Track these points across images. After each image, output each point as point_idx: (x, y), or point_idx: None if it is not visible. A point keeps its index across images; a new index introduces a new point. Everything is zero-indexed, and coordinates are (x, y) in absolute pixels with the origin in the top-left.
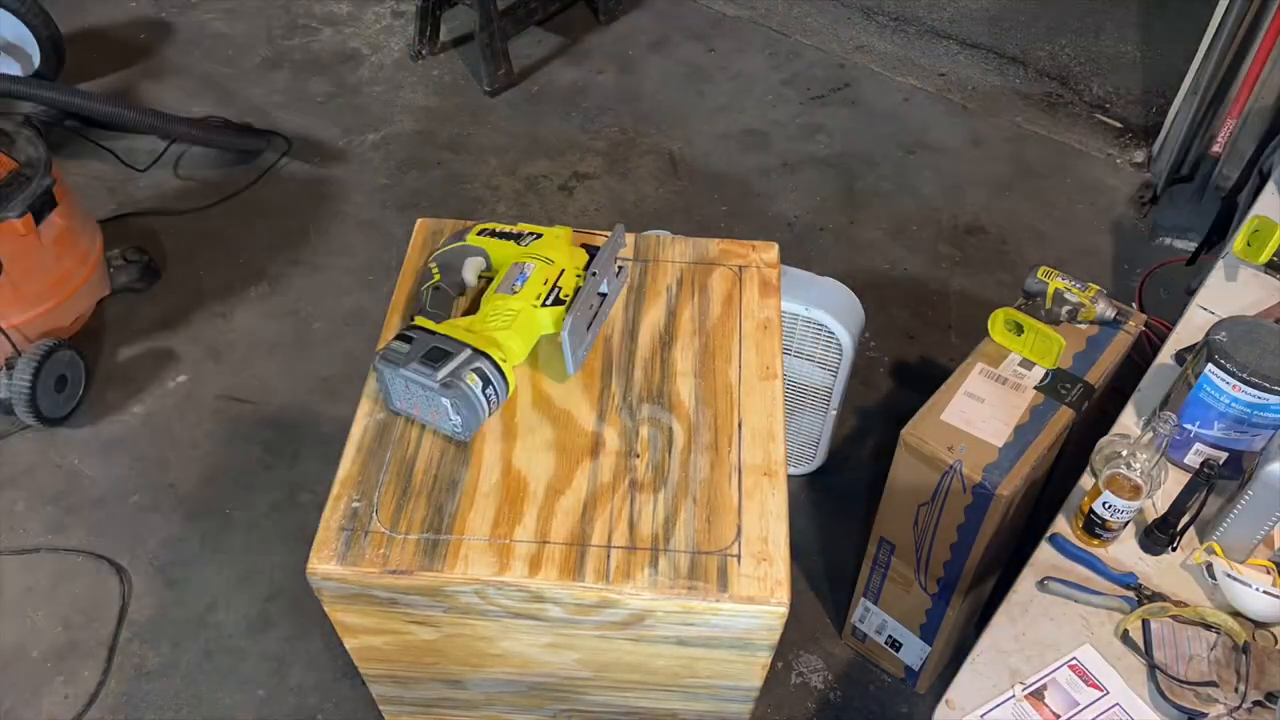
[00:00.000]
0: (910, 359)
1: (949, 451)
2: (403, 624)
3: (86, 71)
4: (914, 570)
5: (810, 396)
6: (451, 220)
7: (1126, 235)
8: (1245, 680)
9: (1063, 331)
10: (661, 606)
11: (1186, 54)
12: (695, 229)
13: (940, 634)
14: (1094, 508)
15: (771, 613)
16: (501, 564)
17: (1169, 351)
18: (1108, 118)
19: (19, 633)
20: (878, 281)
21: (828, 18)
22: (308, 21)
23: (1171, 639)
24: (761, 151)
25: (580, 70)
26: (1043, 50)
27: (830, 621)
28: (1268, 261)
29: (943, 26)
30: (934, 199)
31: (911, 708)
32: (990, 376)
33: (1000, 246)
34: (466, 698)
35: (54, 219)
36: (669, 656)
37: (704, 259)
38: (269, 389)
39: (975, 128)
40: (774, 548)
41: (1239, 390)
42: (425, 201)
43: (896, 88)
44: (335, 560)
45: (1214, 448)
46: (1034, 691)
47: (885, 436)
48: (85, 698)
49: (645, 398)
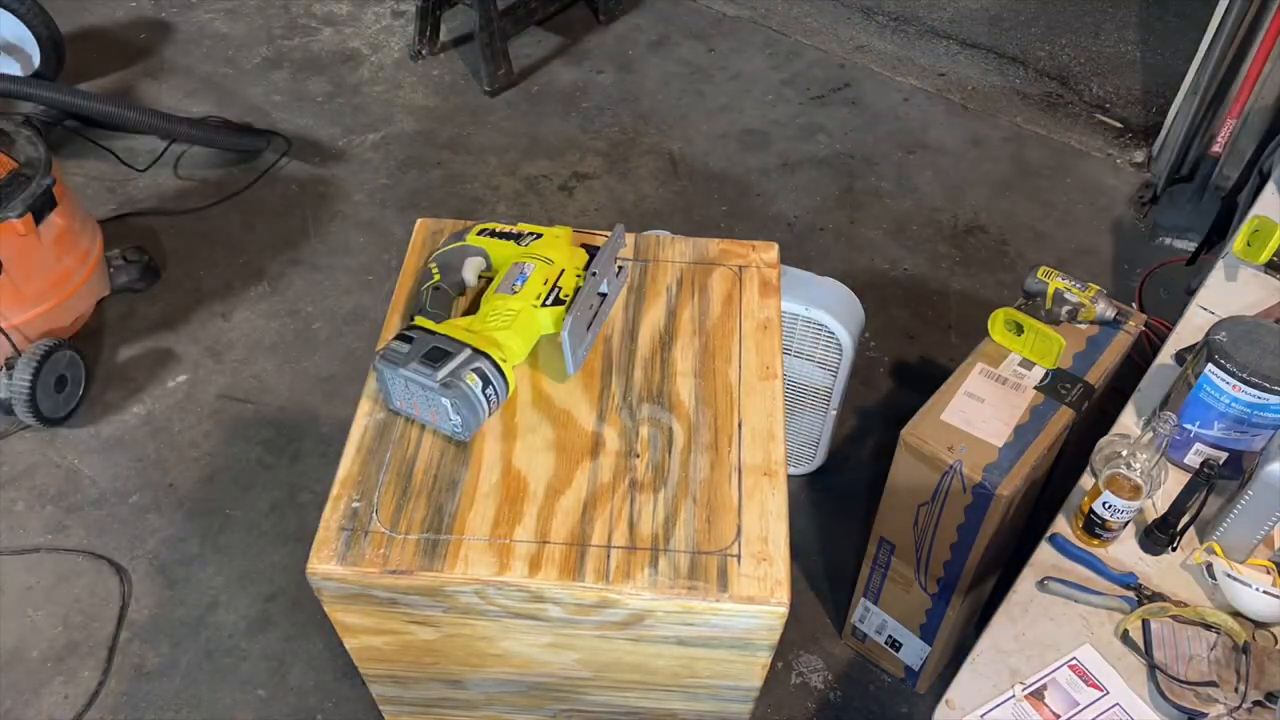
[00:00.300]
0: (910, 359)
1: (949, 451)
2: (403, 624)
3: (86, 71)
4: (914, 570)
5: (810, 396)
6: (451, 220)
7: (1126, 235)
8: (1245, 680)
9: (1063, 331)
10: (661, 606)
11: (1186, 54)
12: (695, 229)
13: (940, 634)
14: (1094, 508)
15: (772, 613)
16: (501, 564)
17: (1169, 351)
18: (1108, 118)
19: (19, 633)
20: (878, 281)
21: (828, 18)
22: (307, 21)
23: (1171, 639)
24: (761, 151)
25: (580, 70)
26: (1043, 50)
27: (830, 621)
28: (1268, 261)
29: (943, 26)
30: (934, 199)
31: (911, 708)
32: (990, 376)
33: (1000, 246)
34: (466, 698)
35: (54, 219)
36: (669, 656)
37: (704, 259)
38: (269, 389)
39: (975, 128)
40: (774, 548)
41: (1239, 390)
42: (425, 201)
43: (896, 88)
44: (335, 560)
45: (1214, 448)
46: (1034, 691)
47: (885, 436)
48: (85, 698)
49: (645, 398)
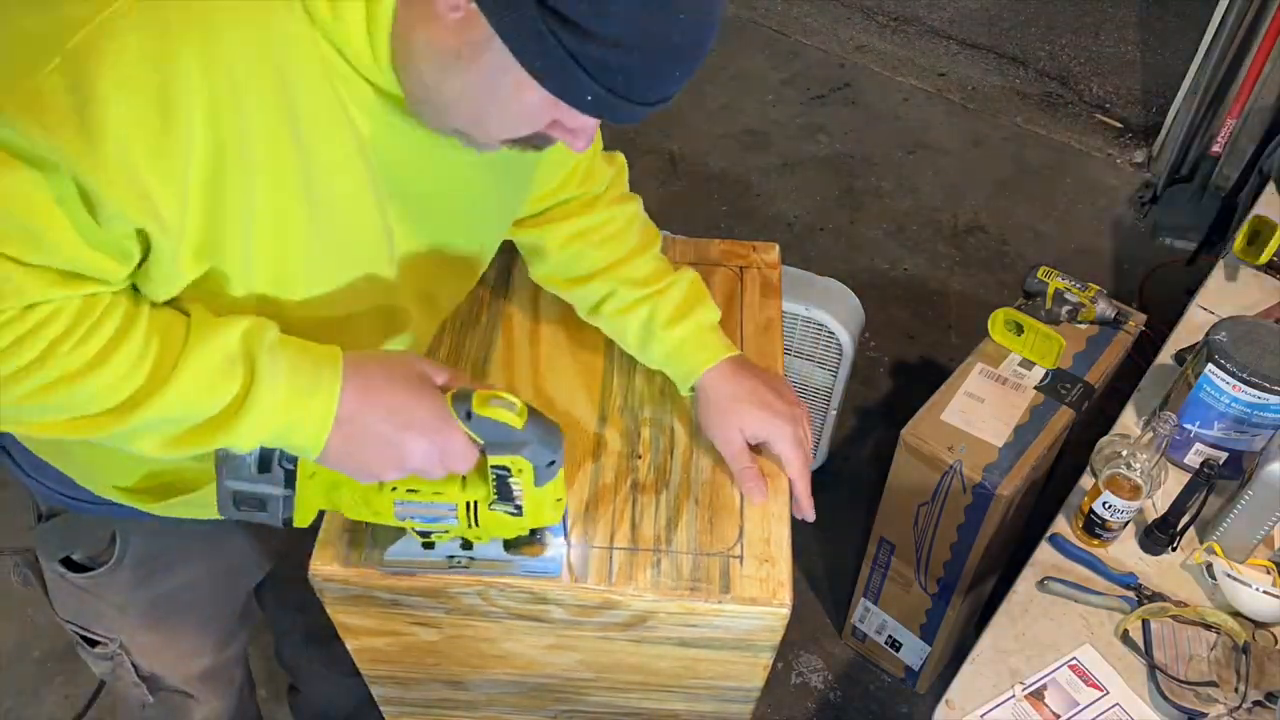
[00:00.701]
0: (910, 359)
1: (949, 451)
2: (405, 625)
3: None
4: (914, 570)
5: (810, 396)
6: None
7: (1126, 235)
8: (1245, 680)
9: (1063, 331)
10: (664, 608)
11: (1186, 54)
12: (695, 229)
13: (940, 634)
14: (1094, 508)
15: (774, 614)
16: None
17: (1169, 351)
18: (1108, 118)
19: (19, 633)
20: (878, 281)
21: (828, 18)
22: None
23: (1171, 639)
24: (761, 151)
25: None
26: (1043, 50)
27: (830, 621)
28: (1268, 261)
29: (943, 26)
30: (934, 199)
31: (911, 708)
32: (990, 376)
33: (1000, 246)
34: (468, 698)
35: None
36: (671, 657)
37: (705, 259)
38: None
39: (975, 128)
40: (776, 549)
41: (1239, 390)
42: None
43: (896, 88)
44: (337, 562)
45: (1214, 448)
46: (1034, 691)
47: (885, 436)
48: (85, 698)
49: (647, 399)
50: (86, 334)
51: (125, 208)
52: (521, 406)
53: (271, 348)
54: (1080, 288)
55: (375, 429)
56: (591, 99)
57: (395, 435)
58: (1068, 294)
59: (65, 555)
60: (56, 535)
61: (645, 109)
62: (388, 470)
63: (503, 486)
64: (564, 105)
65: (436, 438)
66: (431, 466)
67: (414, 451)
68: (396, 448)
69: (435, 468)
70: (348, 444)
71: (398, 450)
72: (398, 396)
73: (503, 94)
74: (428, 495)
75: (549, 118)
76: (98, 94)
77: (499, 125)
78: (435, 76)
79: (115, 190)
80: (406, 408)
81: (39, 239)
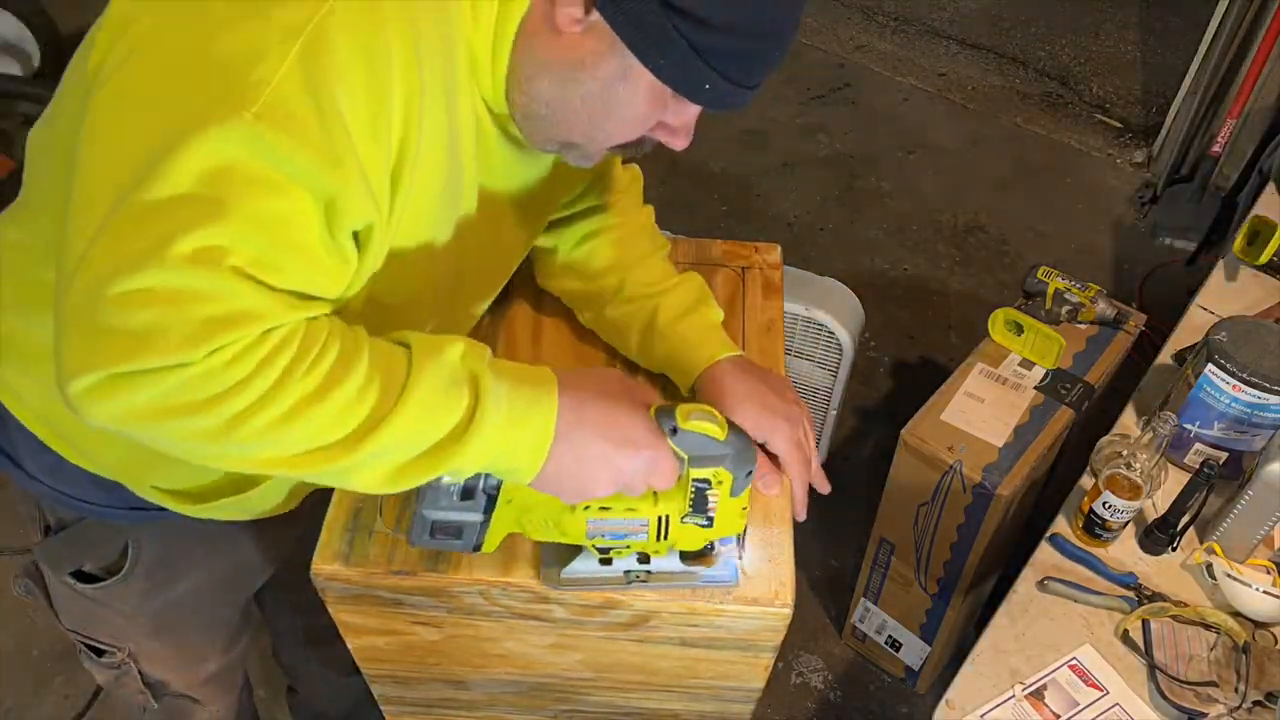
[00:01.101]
0: (910, 359)
1: (949, 451)
2: (406, 624)
3: None
4: (914, 570)
5: (810, 396)
6: None
7: (1126, 235)
8: (1245, 680)
9: (1063, 331)
10: (666, 608)
11: (1186, 54)
12: (695, 229)
13: (940, 634)
14: (1094, 508)
15: (776, 614)
16: (505, 565)
17: (1169, 351)
18: (1108, 118)
19: (19, 633)
20: (878, 281)
21: (828, 18)
22: None
23: (1171, 639)
24: (761, 151)
25: None
26: (1043, 50)
27: (830, 621)
28: (1268, 261)
29: (943, 26)
30: (934, 199)
31: (911, 708)
32: (990, 376)
33: (1000, 246)
34: (469, 698)
35: None
36: (672, 657)
37: (707, 260)
38: None
39: (975, 128)
40: (777, 549)
41: (1239, 390)
42: None
43: (896, 88)
44: (339, 561)
45: (1214, 448)
46: (1034, 691)
47: (885, 436)
48: (85, 698)
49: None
50: (318, 357)
51: (363, 206)
52: (722, 419)
53: (492, 366)
54: (1080, 288)
55: (592, 447)
56: (709, 88)
57: (612, 452)
58: (1068, 294)
59: (76, 568)
60: (66, 548)
61: (750, 93)
62: (601, 488)
63: (700, 499)
64: (674, 103)
65: (650, 453)
66: (639, 483)
67: (628, 468)
68: (612, 465)
69: (641, 484)
70: (563, 462)
71: (613, 467)
72: (610, 413)
73: (621, 99)
74: (620, 512)
75: (656, 118)
76: (332, 99)
77: (614, 132)
78: (556, 91)
79: (356, 195)
80: (619, 424)
81: (288, 259)
